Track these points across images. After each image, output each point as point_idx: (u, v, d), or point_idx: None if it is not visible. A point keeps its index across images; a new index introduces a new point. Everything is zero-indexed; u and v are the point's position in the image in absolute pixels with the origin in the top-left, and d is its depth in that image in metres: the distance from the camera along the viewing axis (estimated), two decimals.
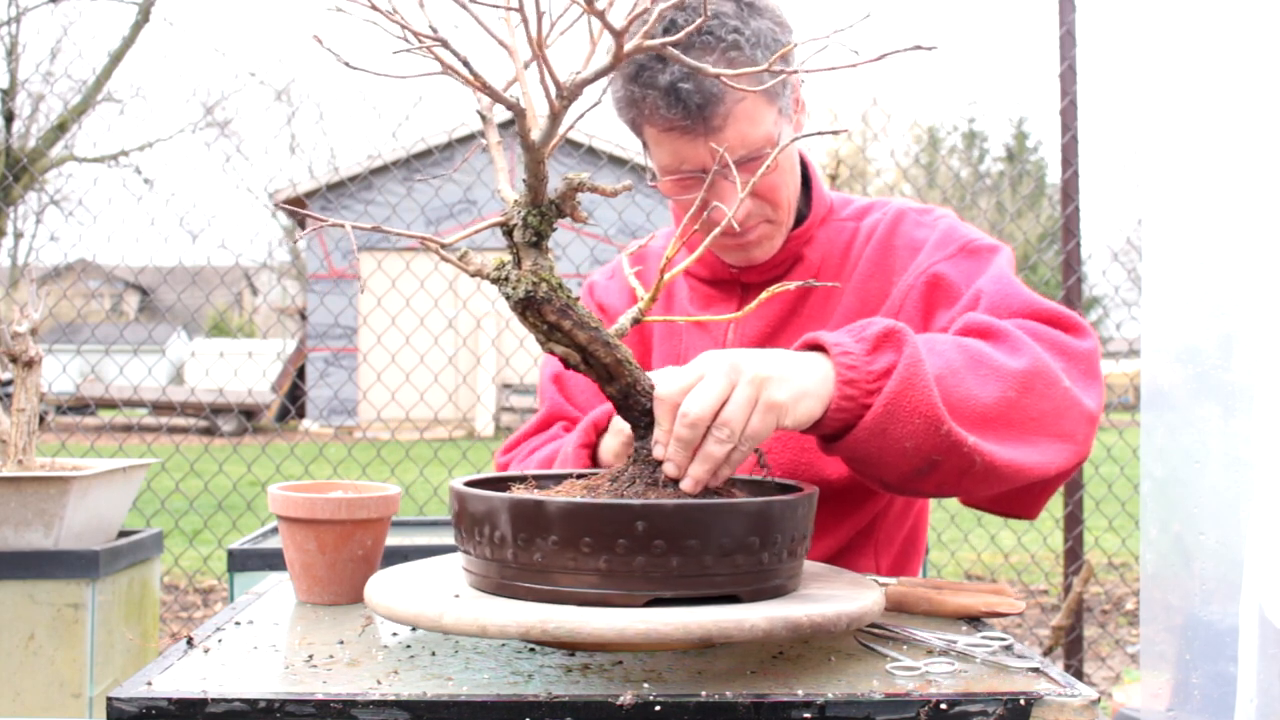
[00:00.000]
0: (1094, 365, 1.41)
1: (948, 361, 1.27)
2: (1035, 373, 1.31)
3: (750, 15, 1.49)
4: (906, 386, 1.20)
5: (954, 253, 1.57)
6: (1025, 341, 1.35)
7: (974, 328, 1.39)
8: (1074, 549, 4.11)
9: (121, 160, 16.02)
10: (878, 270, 1.62)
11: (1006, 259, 1.56)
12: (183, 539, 5.92)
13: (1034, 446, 1.31)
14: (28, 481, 2.32)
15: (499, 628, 1.00)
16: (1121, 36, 2.46)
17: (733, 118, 1.47)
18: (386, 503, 1.42)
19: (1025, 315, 1.43)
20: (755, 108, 1.49)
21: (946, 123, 31.43)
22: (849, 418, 1.21)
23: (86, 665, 2.41)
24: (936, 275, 1.55)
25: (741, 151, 1.49)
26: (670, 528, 1.03)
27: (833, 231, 1.68)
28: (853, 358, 1.21)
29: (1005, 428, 1.28)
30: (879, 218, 1.67)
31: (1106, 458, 4.82)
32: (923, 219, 1.65)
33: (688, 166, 1.52)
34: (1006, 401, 1.28)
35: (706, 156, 1.50)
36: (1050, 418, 1.32)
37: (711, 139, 1.48)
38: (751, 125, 1.49)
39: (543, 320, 1.13)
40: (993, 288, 1.48)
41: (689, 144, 1.50)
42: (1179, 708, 1.49)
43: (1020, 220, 9.44)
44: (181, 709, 0.99)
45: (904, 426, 1.20)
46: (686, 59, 1.04)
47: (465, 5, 0.99)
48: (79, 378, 14.00)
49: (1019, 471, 1.29)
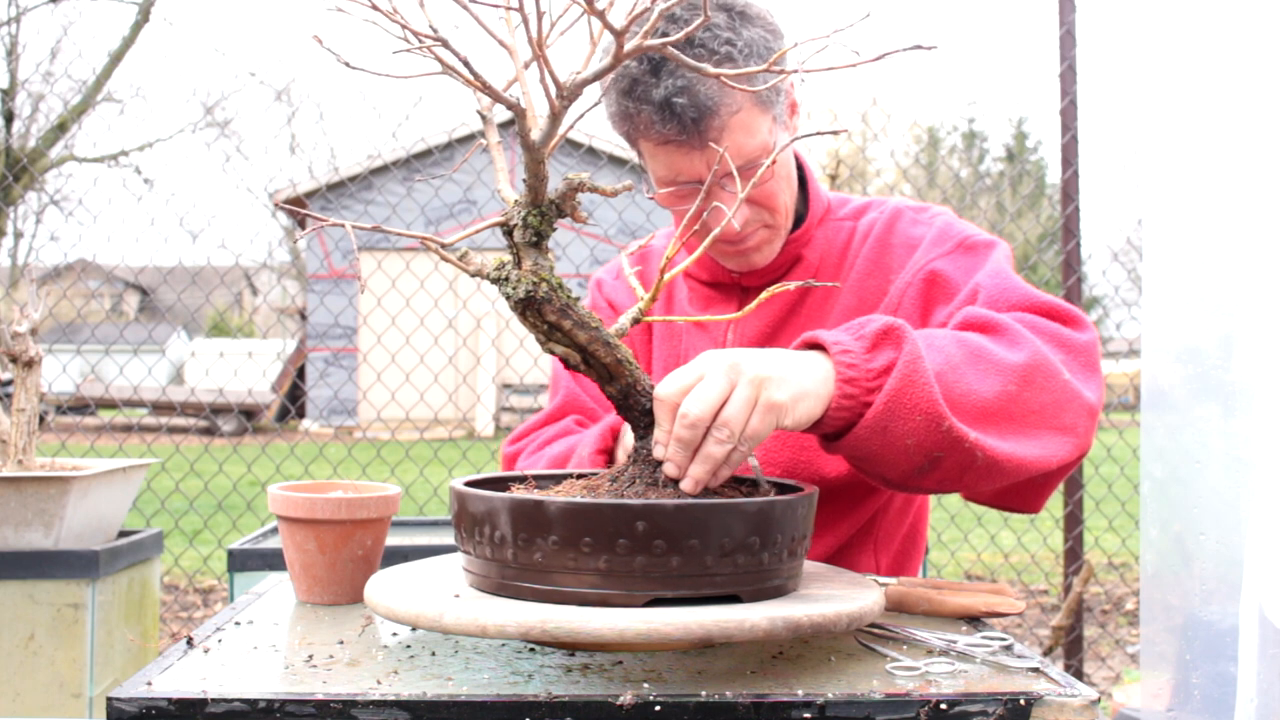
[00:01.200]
0: (1093, 357, 1.41)
1: (947, 357, 1.27)
2: (1035, 366, 1.31)
3: (742, 24, 1.48)
4: (907, 384, 1.20)
5: (951, 249, 1.57)
6: (1024, 334, 1.35)
7: (972, 322, 1.39)
8: (1074, 549, 4.11)
9: (121, 160, 16.02)
10: (875, 268, 1.62)
11: (1004, 254, 1.56)
12: (183, 539, 5.92)
13: (1035, 440, 1.30)
14: (28, 481, 2.32)
15: (499, 628, 1.00)
16: (1121, 36, 2.46)
17: (728, 130, 1.47)
18: (386, 503, 1.42)
19: (1023, 308, 1.43)
20: (750, 118, 1.48)
21: (946, 123, 31.45)
22: (850, 416, 1.21)
23: (86, 665, 2.41)
24: (934, 272, 1.56)
25: (738, 162, 1.49)
26: (671, 528, 1.03)
27: (830, 231, 1.68)
28: (852, 356, 1.21)
29: (1006, 422, 1.28)
30: (876, 216, 1.67)
31: (1106, 458, 4.82)
32: (919, 216, 1.65)
33: (683, 179, 1.52)
34: (1007, 395, 1.28)
35: (702, 168, 1.50)
36: (1051, 410, 1.32)
37: (707, 151, 1.48)
38: (747, 135, 1.49)
39: (543, 320, 1.13)
40: (990, 282, 1.48)
41: (684, 157, 1.50)
42: (1179, 708, 1.49)
43: (1020, 220, 9.44)
44: (181, 709, 0.99)
45: (905, 424, 1.20)
46: (687, 59, 1.04)
47: (465, 5, 0.99)
48: (79, 378, 14.00)
49: (1020, 465, 1.29)
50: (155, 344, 14.56)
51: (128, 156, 16.07)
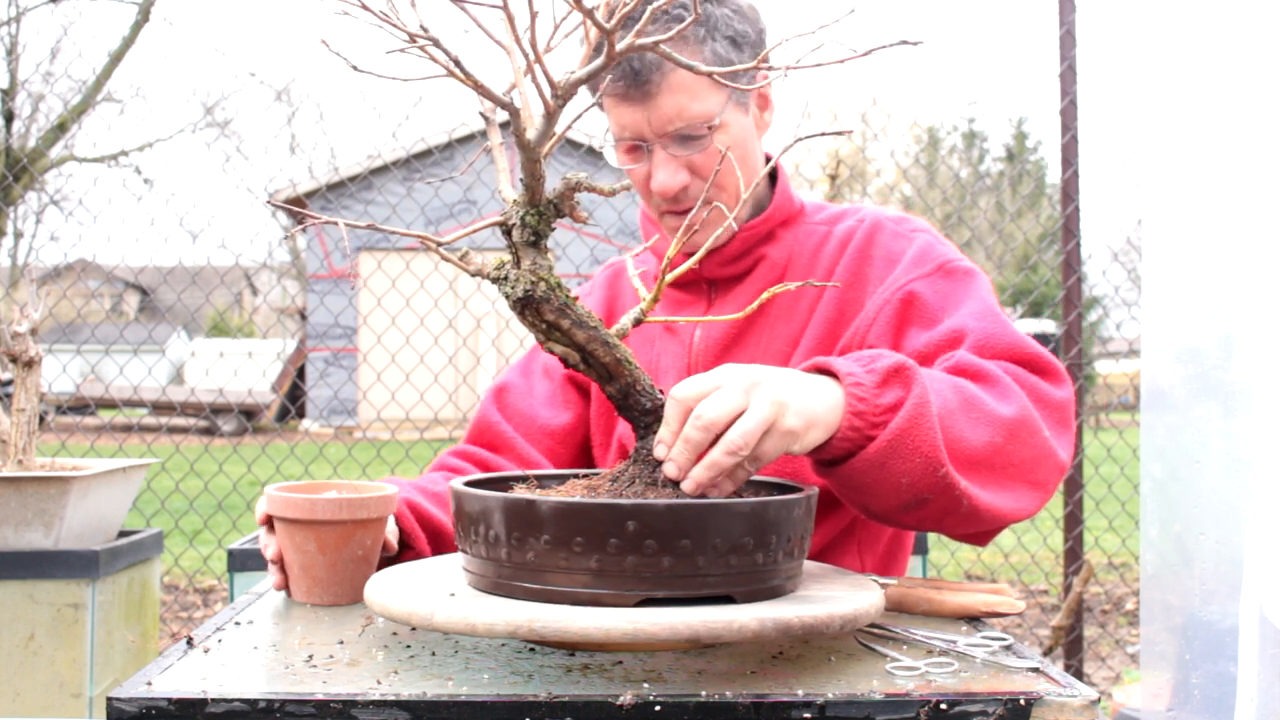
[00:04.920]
0: (1068, 416, 1.44)
1: (945, 401, 1.28)
2: (1021, 421, 1.34)
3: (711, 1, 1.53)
4: (912, 425, 1.21)
5: (931, 271, 1.58)
6: (1013, 388, 1.37)
7: (965, 368, 1.40)
8: (1074, 549, 4.11)
9: (121, 160, 16.02)
10: (855, 280, 1.62)
11: (985, 286, 1.57)
12: (183, 539, 5.92)
13: (1011, 493, 1.33)
14: (28, 481, 2.32)
15: (487, 626, 1.00)
16: (1121, 36, 2.46)
17: (668, 87, 1.51)
18: (385, 502, 1.42)
19: (1009, 358, 1.45)
20: (695, 82, 1.52)
21: (946, 123, 31.43)
22: (851, 447, 1.23)
23: (86, 665, 2.41)
24: (912, 293, 1.56)
25: (679, 123, 1.53)
26: (661, 528, 1.03)
27: (802, 234, 1.69)
28: (863, 389, 1.22)
29: (989, 472, 1.31)
30: (853, 225, 1.67)
31: (1106, 458, 4.82)
32: (900, 228, 1.66)
33: (628, 134, 1.57)
34: (994, 447, 1.31)
35: (644, 125, 1.54)
36: (1029, 465, 1.35)
37: (649, 105, 1.52)
38: (690, 98, 1.52)
39: (541, 319, 1.13)
40: (978, 325, 1.48)
41: (629, 110, 1.54)
42: (1179, 708, 1.49)
43: (1020, 220, 9.44)
44: (181, 709, 0.99)
45: (904, 463, 1.22)
46: (678, 57, 1.05)
47: (461, 5, 0.99)
48: (79, 378, 14.00)
49: (996, 516, 1.32)
50: (155, 344, 14.56)
51: (128, 156, 16.08)
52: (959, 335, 1.48)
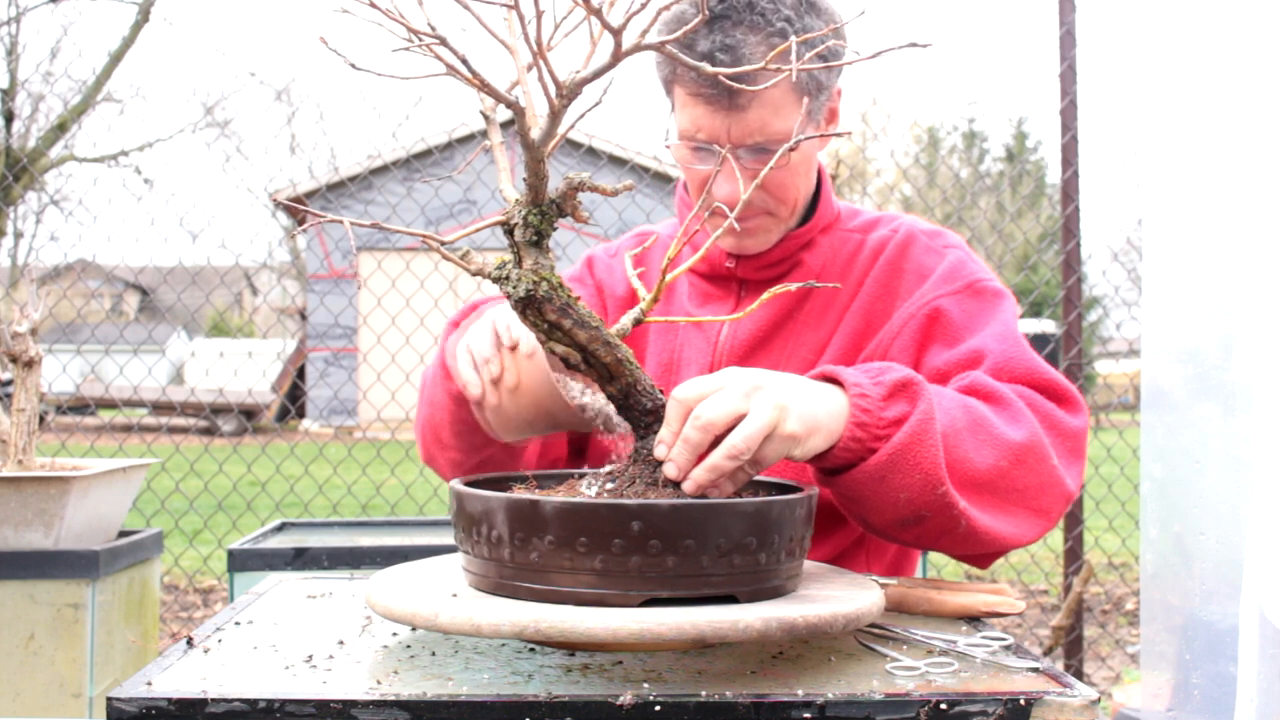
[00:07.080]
0: (1081, 444, 1.43)
1: (952, 420, 1.28)
2: (1029, 447, 1.33)
3: (806, 11, 1.49)
4: (915, 441, 1.21)
5: (959, 289, 1.57)
6: (1024, 413, 1.36)
7: (978, 388, 1.39)
8: (1074, 549, 4.11)
9: (121, 160, 16.01)
10: (884, 291, 1.61)
11: (1011, 309, 1.56)
12: (183, 539, 5.91)
13: (1013, 518, 1.33)
14: (28, 481, 2.32)
15: (493, 627, 1.00)
16: (1121, 36, 2.46)
17: (759, 101, 1.46)
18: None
19: (1026, 382, 1.44)
20: (784, 98, 1.48)
21: (946, 123, 31.41)
22: (852, 458, 1.23)
23: (86, 665, 2.41)
24: (938, 309, 1.55)
25: (759, 138, 1.49)
26: (666, 528, 1.03)
27: (837, 241, 1.68)
28: (869, 401, 1.22)
29: (991, 495, 1.30)
30: (887, 235, 1.66)
31: (1106, 458, 4.81)
32: (933, 243, 1.64)
33: (703, 136, 1.51)
34: (998, 471, 1.30)
35: (722, 131, 1.49)
36: (1033, 492, 1.34)
37: (734, 115, 1.48)
38: (775, 114, 1.48)
39: (543, 319, 1.13)
40: (998, 347, 1.47)
41: (709, 114, 1.49)
42: (1179, 708, 1.49)
43: (1020, 220, 9.44)
44: (181, 709, 0.99)
45: (904, 478, 1.22)
46: (685, 59, 1.05)
47: (466, 5, 0.99)
48: (79, 378, 13.99)
49: (995, 540, 1.32)
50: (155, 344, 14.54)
51: (128, 156, 16.07)
52: (978, 356, 1.48)
